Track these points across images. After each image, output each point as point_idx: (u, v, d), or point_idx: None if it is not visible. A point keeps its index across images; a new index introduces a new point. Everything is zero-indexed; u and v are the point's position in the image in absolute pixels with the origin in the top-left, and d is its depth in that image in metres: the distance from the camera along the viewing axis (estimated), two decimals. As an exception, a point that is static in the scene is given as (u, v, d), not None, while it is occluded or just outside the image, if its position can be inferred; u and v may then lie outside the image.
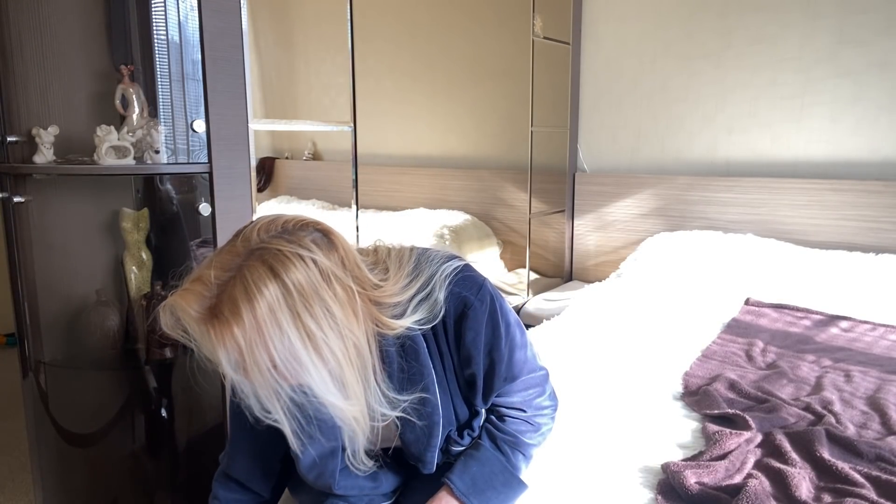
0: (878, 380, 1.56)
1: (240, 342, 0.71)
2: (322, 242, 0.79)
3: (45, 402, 1.72)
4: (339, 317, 0.76)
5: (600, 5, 2.93)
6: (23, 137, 1.56)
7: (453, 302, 0.91)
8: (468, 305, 0.91)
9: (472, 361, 0.93)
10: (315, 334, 0.74)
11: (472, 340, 0.92)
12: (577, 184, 3.07)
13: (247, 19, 1.53)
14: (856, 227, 2.41)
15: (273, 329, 0.71)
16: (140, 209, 1.65)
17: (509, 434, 1.00)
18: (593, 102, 3.03)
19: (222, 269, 0.74)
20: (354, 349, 0.79)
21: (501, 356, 0.94)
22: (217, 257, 0.76)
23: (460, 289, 0.91)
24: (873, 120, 2.40)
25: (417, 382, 0.91)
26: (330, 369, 0.76)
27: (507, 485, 0.96)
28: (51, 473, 1.76)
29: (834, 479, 1.11)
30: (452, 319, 0.91)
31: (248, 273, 0.73)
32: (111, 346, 1.67)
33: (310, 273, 0.75)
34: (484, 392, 0.97)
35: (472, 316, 0.91)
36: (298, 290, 0.73)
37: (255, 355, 0.72)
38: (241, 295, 0.71)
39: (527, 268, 2.89)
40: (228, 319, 0.71)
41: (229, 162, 1.54)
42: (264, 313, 0.71)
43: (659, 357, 1.74)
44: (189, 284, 0.74)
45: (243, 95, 1.55)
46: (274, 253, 0.74)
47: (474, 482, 0.94)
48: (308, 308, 0.74)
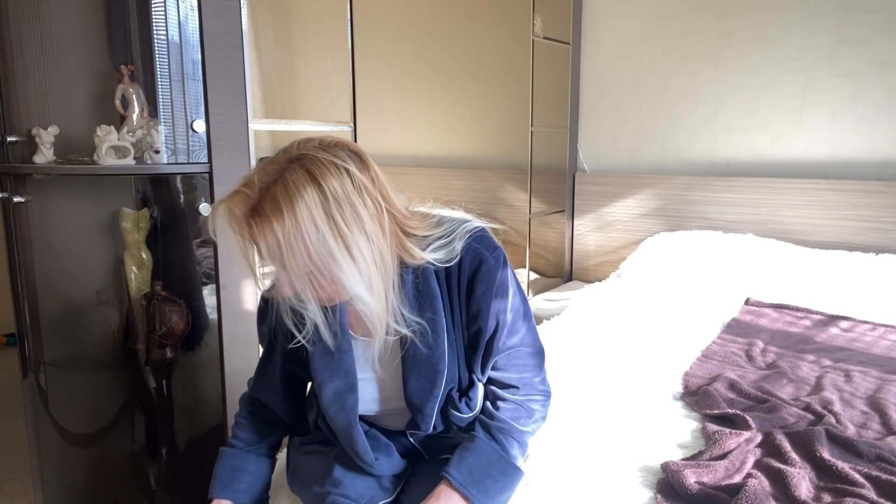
0: (878, 380, 1.56)
1: (279, 236, 0.79)
2: (356, 160, 0.87)
3: (45, 402, 1.72)
4: (367, 224, 0.84)
5: (600, 5, 2.93)
6: (23, 137, 1.56)
7: (470, 255, 0.97)
8: (483, 260, 0.97)
9: (480, 317, 0.98)
10: (346, 234, 0.82)
11: (483, 295, 0.97)
12: (577, 184, 3.07)
13: (247, 19, 1.53)
14: (856, 227, 2.41)
15: (309, 226, 0.79)
16: (140, 209, 1.64)
17: (503, 422, 1.01)
18: (593, 102, 3.03)
19: (266, 174, 0.82)
20: (380, 256, 0.87)
21: (506, 320, 0.99)
22: (261, 166, 0.84)
23: (478, 244, 0.98)
24: (873, 120, 2.40)
25: (428, 316, 0.97)
26: (359, 268, 0.84)
27: (504, 472, 0.98)
28: (51, 473, 1.76)
29: (834, 479, 1.11)
30: (467, 271, 0.97)
31: (289, 176, 0.81)
32: (111, 346, 1.68)
33: (343, 182, 0.83)
34: (484, 355, 1.01)
35: (486, 270, 0.96)
36: (333, 195, 0.81)
37: (292, 248, 0.80)
38: (281, 195, 0.79)
39: (527, 268, 2.89)
40: (269, 216, 0.79)
41: (229, 162, 1.54)
42: (302, 212, 0.79)
43: (659, 357, 1.74)
44: (236, 189, 0.83)
45: (243, 95, 1.55)
46: (312, 159, 0.83)
47: (471, 472, 0.96)
48: (341, 211, 0.82)
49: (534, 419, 1.06)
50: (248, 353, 1.63)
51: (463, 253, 0.96)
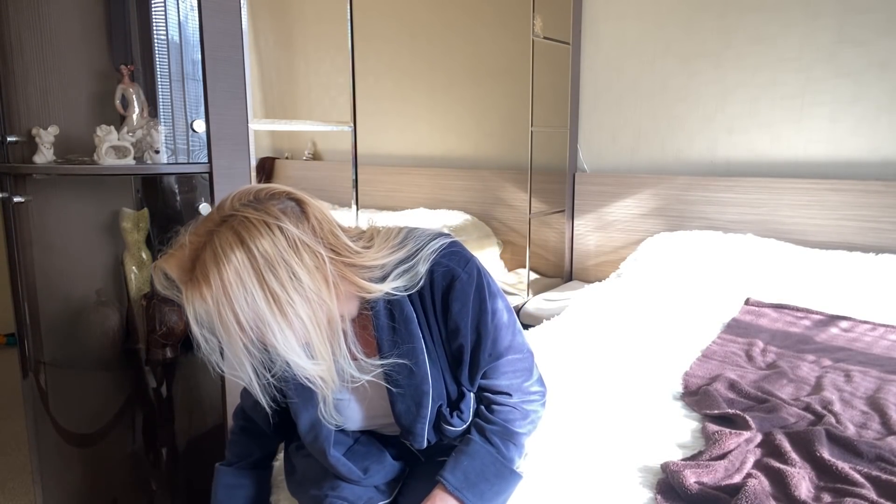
0: (878, 380, 1.56)
1: (208, 301, 0.78)
2: (293, 211, 0.84)
3: (45, 402, 1.72)
4: (305, 281, 0.81)
5: (600, 5, 2.93)
6: (23, 137, 1.56)
7: (440, 273, 0.94)
8: (455, 277, 0.94)
9: (460, 333, 0.96)
10: (280, 297, 0.79)
11: (459, 311, 0.95)
12: (577, 184, 3.07)
13: (247, 19, 1.53)
14: (856, 227, 2.41)
15: (238, 290, 0.77)
16: (140, 209, 1.64)
17: (498, 424, 1.00)
18: (593, 102, 3.03)
19: (198, 235, 0.81)
20: (322, 314, 0.83)
21: (488, 331, 0.97)
22: (195, 225, 0.83)
23: (448, 261, 0.95)
24: (873, 120, 2.40)
25: (405, 342, 0.95)
26: (295, 331, 0.80)
27: (500, 476, 0.97)
28: (51, 473, 1.76)
29: (834, 479, 1.11)
30: (440, 291, 0.95)
31: (218, 239, 0.79)
32: (111, 346, 1.68)
33: (276, 240, 0.80)
34: (470, 369, 0.99)
35: (459, 288, 0.94)
36: (264, 256, 0.79)
37: (221, 314, 0.78)
38: (210, 259, 0.78)
39: (527, 268, 2.89)
40: (199, 281, 0.78)
41: (229, 162, 1.54)
42: (230, 276, 0.77)
43: (659, 357, 1.74)
44: (173, 249, 0.82)
45: (243, 95, 1.55)
46: (241, 220, 0.80)
47: (466, 476, 0.95)
48: (273, 272, 0.79)
49: (529, 420, 1.05)
50: (248, 353, 1.62)
51: (432, 272, 0.93)
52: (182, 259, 0.81)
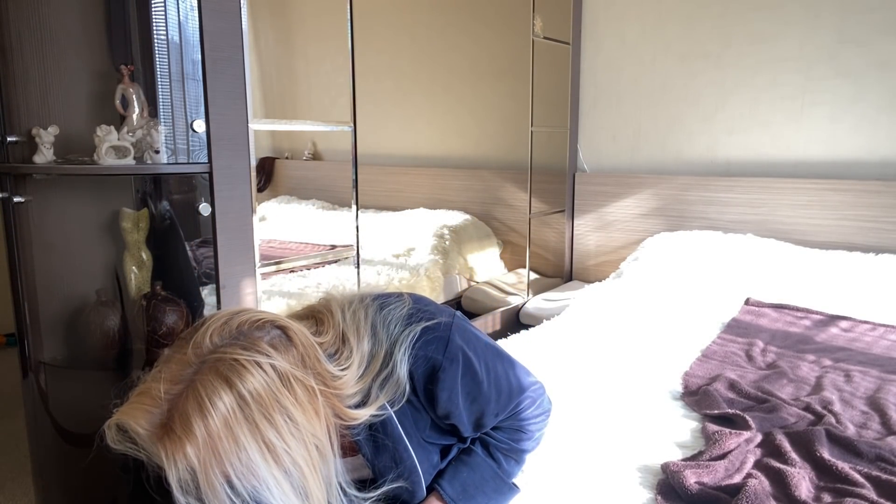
0: (878, 380, 1.56)
1: (193, 462, 0.66)
2: (280, 342, 0.75)
3: (45, 402, 1.72)
4: (300, 422, 0.72)
5: (600, 5, 2.93)
6: (23, 137, 1.56)
7: (421, 366, 0.86)
8: (437, 367, 0.86)
9: (452, 415, 0.90)
10: (275, 445, 0.69)
11: (448, 399, 0.88)
12: (577, 184, 3.07)
13: (247, 19, 1.53)
14: (856, 227, 2.41)
15: (229, 444, 0.67)
16: (140, 209, 1.64)
17: (504, 442, 0.99)
18: (593, 102, 3.03)
19: (172, 381, 0.70)
20: (317, 452, 0.74)
21: (487, 398, 0.91)
22: (166, 368, 0.71)
23: (426, 351, 0.87)
24: (873, 120, 2.40)
25: (391, 452, 0.87)
26: (292, 481, 0.70)
27: (498, 491, 0.96)
28: (51, 473, 1.76)
29: (834, 479, 1.11)
30: (422, 384, 0.87)
31: (201, 385, 0.68)
32: (111, 346, 1.67)
33: (268, 379, 0.70)
34: (475, 428, 0.95)
35: (443, 378, 0.87)
36: (256, 400, 0.68)
37: (209, 475, 0.67)
38: (193, 409, 0.67)
39: (527, 268, 2.89)
40: (181, 437, 0.66)
41: (229, 162, 1.54)
42: (219, 428, 0.66)
43: (659, 357, 1.74)
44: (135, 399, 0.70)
45: (243, 95, 1.55)
46: (228, 362, 0.69)
47: (465, 488, 0.93)
48: (268, 418, 0.69)
49: (535, 439, 1.04)
50: (248, 353, 1.62)
51: (412, 365, 0.86)
52: (153, 411, 0.68)
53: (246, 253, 1.61)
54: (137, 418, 0.69)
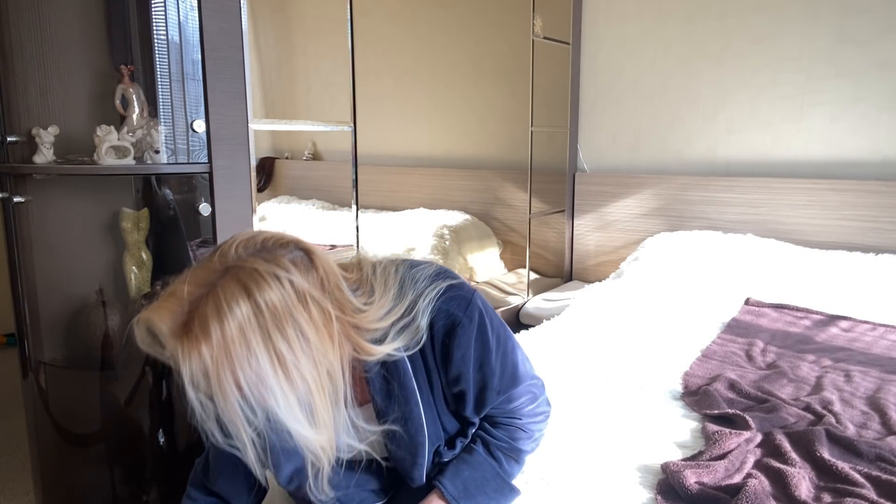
0: (878, 380, 1.56)
1: (206, 361, 0.69)
2: (302, 262, 0.77)
3: (45, 402, 1.72)
4: (312, 340, 0.74)
5: (600, 5, 2.93)
6: (23, 137, 1.56)
7: (441, 319, 0.89)
8: (456, 323, 0.89)
9: (462, 379, 0.92)
10: (286, 357, 0.71)
11: (461, 358, 0.90)
12: (577, 184, 3.07)
13: (247, 19, 1.53)
14: (856, 227, 2.41)
15: (241, 349, 0.69)
16: (140, 209, 1.64)
17: (503, 441, 0.99)
18: (593, 102, 3.03)
19: (196, 284, 0.72)
20: (327, 375, 0.76)
21: (493, 370, 0.93)
22: (192, 273, 0.74)
23: (448, 306, 0.89)
24: (873, 120, 2.40)
25: (401, 404, 0.90)
26: (298, 395, 0.73)
27: (500, 491, 0.96)
28: (51, 473, 1.76)
29: (834, 479, 1.11)
30: (440, 338, 0.89)
31: (222, 291, 0.71)
32: (111, 346, 1.68)
33: (285, 294, 0.73)
34: (476, 406, 0.96)
35: (461, 334, 0.89)
36: (271, 311, 0.71)
37: (220, 376, 0.70)
38: (211, 313, 0.70)
39: (527, 268, 2.89)
40: (197, 337, 0.69)
41: (229, 162, 1.54)
42: (233, 333, 0.69)
43: (659, 357, 1.74)
44: (162, 299, 0.73)
45: (243, 95, 1.55)
46: (249, 271, 0.72)
47: (466, 487, 0.93)
48: (280, 330, 0.71)
49: (534, 439, 1.05)
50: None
51: (433, 317, 0.89)
52: (176, 311, 0.71)
53: (246, 253, 1.61)
54: (161, 317, 0.71)
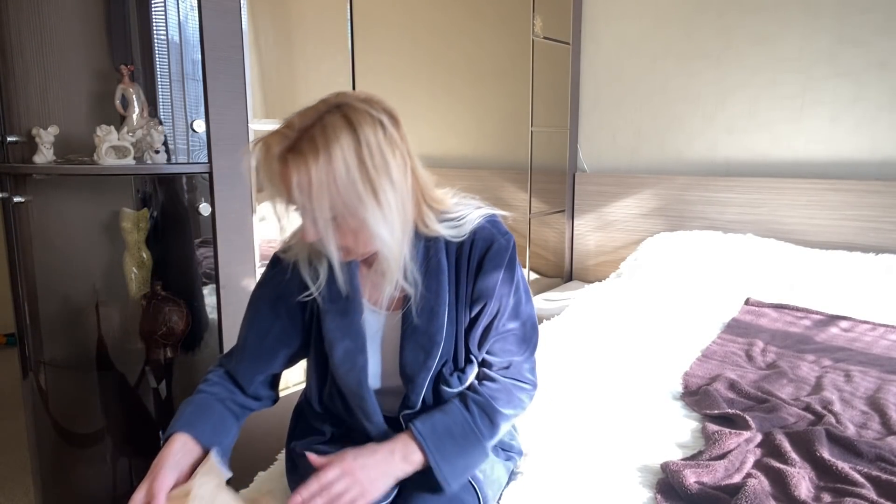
0: (878, 380, 1.56)
1: (311, 174, 0.84)
2: (389, 117, 0.91)
3: (45, 402, 1.72)
4: (395, 177, 0.89)
5: (600, 5, 2.93)
6: (23, 137, 1.56)
7: (482, 234, 1.00)
8: (494, 241, 1.00)
9: (485, 295, 1.00)
10: (374, 180, 0.87)
11: (490, 273, 1.00)
12: (577, 184, 3.07)
13: (247, 19, 1.53)
14: (856, 227, 2.41)
15: (341, 167, 0.84)
16: (140, 209, 1.65)
17: (482, 396, 1.03)
18: (593, 102, 3.03)
19: (305, 118, 0.88)
20: (402, 205, 0.91)
21: (508, 303, 1.03)
22: (300, 111, 0.89)
23: (491, 226, 1.02)
24: (873, 120, 2.40)
25: (430, 301, 0.99)
26: (384, 212, 0.88)
27: (466, 439, 0.98)
28: (51, 473, 1.76)
29: (834, 479, 1.11)
30: (479, 250, 1.00)
31: (329, 120, 0.86)
32: (111, 346, 1.68)
33: (377, 132, 0.88)
34: (483, 333, 1.03)
35: (496, 250, 1.00)
36: (367, 142, 0.86)
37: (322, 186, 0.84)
38: (319, 136, 0.85)
39: (527, 268, 2.90)
40: (305, 154, 0.84)
41: (229, 162, 1.55)
42: (336, 154, 0.84)
43: (659, 357, 1.74)
44: (274, 130, 0.88)
45: (243, 95, 1.55)
46: (352, 109, 0.88)
47: (434, 428, 0.97)
48: (371, 159, 0.86)
49: (512, 405, 1.05)
50: (248, 353, 1.63)
51: (475, 232, 1.00)
52: (289, 135, 0.86)
53: (246, 253, 1.61)
54: (275, 140, 0.86)
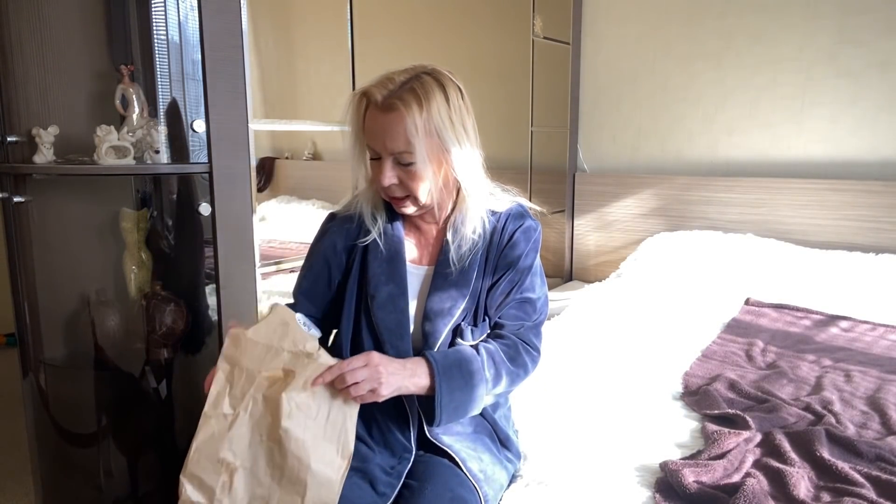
0: (877, 380, 1.56)
1: (415, 115, 0.99)
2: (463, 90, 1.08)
3: (45, 402, 1.72)
4: (471, 133, 1.08)
5: (600, 5, 2.94)
6: (23, 137, 1.56)
7: (515, 214, 1.14)
8: (526, 219, 1.14)
9: (513, 261, 1.11)
10: (460, 131, 1.04)
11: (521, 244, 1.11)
12: (577, 184, 3.07)
13: (247, 19, 1.53)
14: (856, 227, 2.41)
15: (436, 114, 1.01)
16: (140, 209, 1.65)
17: (492, 346, 1.09)
18: (593, 102, 3.03)
19: (402, 74, 1.03)
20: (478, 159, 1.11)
21: (528, 275, 1.14)
22: (394, 72, 1.04)
23: (522, 209, 1.16)
24: (873, 120, 2.40)
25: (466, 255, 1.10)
26: (466, 156, 1.07)
27: (471, 377, 1.04)
28: (51, 473, 1.76)
29: (833, 479, 1.11)
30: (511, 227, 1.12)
31: (424, 79, 1.02)
32: (111, 346, 1.68)
33: (461, 101, 1.05)
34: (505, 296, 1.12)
35: (527, 228, 1.13)
36: (453, 102, 1.03)
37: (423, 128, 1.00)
38: (419, 88, 1.00)
39: (527, 268, 2.89)
40: (409, 100, 0.99)
41: (229, 162, 1.54)
42: (433, 103, 1.00)
43: (659, 357, 1.74)
44: (376, 81, 1.02)
45: (243, 95, 1.55)
46: (439, 73, 1.05)
47: (446, 357, 1.04)
48: (458, 113, 1.04)
49: (517, 364, 1.10)
50: (247, 353, 1.63)
51: (509, 210, 1.14)
52: (389, 87, 1.00)
53: (246, 253, 1.61)
54: (378, 89, 1.01)
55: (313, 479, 0.87)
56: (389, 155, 1.02)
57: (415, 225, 1.16)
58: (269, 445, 0.88)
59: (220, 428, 0.89)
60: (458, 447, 1.07)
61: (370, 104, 1.02)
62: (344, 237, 1.15)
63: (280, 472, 0.88)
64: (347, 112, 1.05)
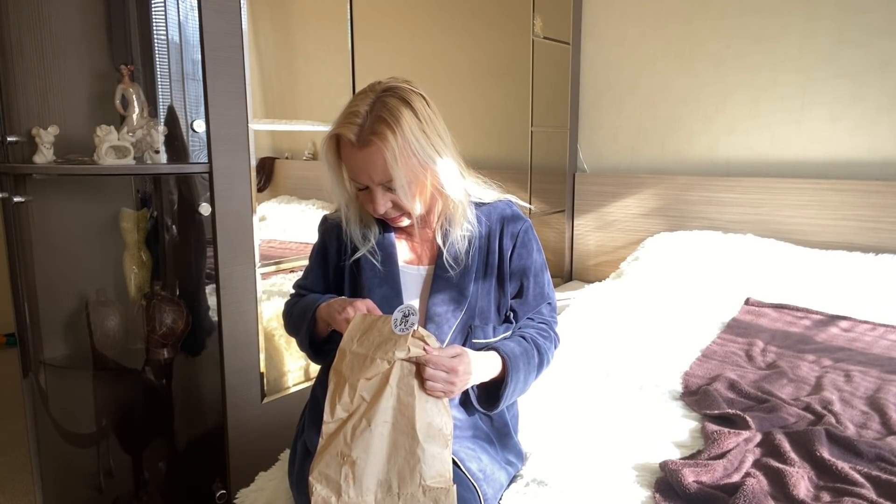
0: (877, 380, 1.56)
1: (393, 146, 0.99)
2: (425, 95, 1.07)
3: (45, 402, 1.72)
4: (445, 138, 1.07)
5: (600, 5, 2.94)
6: (23, 137, 1.56)
7: (511, 213, 1.16)
8: (522, 220, 1.16)
9: (530, 269, 1.15)
10: (437, 142, 1.05)
11: (525, 250, 1.15)
12: (577, 184, 3.07)
13: (247, 19, 1.53)
14: (856, 227, 2.41)
15: (411, 136, 1.01)
16: (140, 209, 1.65)
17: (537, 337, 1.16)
18: (593, 102, 3.03)
19: (362, 104, 1.02)
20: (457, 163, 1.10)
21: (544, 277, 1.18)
22: (354, 102, 1.03)
23: (513, 211, 1.18)
24: (873, 120, 2.40)
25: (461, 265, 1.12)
26: (447, 165, 1.07)
27: (532, 366, 1.11)
28: (51, 473, 1.76)
29: (833, 479, 1.11)
30: (511, 225, 1.15)
31: (387, 102, 1.01)
32: (111, 346, 1.68)
33: (428, 110, 1.05)
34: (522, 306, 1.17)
35: (524, 229, 1.16)
36: (423, 116, 1.03)
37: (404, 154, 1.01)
38: (387, 116, 1.00)
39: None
40: (383, 131, 0.99)
41: (229, 162, 1.55)
42: (405, 126, 1.00)
43: (659, 357, 1.74)
44: (343, 120, 1.02)
45: (243, 95, 1.55)
46: (399, 88, 1.04)
47: (514, 351, 1.10)
48: (429, 125, 1.04)
49: (550, 350, 1.18)
50: (248, 353, 1.63)
51: (500, 206, 1.17)
52: (356, 122, 1.01)
53: (246, 253, 1.61)
54: (344, 130, 1.01)
55: (424, 453, 0.93)
56: (377, 185, 1.04)
57: (406, 229, 1.18)
58: (381, 431, 0.94)
59: (338, 429, 0.96)
60: (457, 447, 1.08)
61: (344, 143, 1.03)
62: (336, 241, 1.18)
63: (395, 453, 0.94)
64: (324, 154, 1.07)
